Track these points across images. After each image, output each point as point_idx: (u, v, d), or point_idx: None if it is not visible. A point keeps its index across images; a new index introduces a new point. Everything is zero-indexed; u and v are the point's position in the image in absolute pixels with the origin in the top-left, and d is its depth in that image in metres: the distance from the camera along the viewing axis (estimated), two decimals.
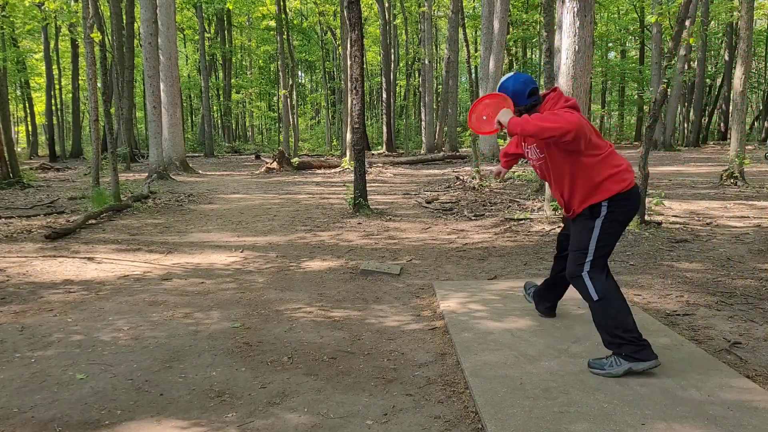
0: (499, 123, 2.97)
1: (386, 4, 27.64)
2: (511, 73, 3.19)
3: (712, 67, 36.33)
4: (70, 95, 28.80)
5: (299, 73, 42.96)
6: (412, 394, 2.79)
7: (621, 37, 37.18)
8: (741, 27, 11.13)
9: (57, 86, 30.03)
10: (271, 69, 39.65)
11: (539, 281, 4.66)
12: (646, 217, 7.02)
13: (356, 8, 8.67)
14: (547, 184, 7.76)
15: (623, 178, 2.94)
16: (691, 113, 30.84)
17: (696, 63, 29.03)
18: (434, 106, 26.95)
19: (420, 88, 30.63)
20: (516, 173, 12.84)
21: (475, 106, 3.18)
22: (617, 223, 2.96)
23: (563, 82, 10.09)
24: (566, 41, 9.83)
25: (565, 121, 2.78)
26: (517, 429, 2.36)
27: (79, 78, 27.73)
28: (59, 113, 30.52)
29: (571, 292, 4.25)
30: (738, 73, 11.05)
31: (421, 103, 27.40)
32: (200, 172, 17.63)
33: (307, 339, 3.53)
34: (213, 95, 34.77)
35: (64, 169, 20.10)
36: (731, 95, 24.57)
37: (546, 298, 3.73)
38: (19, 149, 27.52)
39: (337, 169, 17.16)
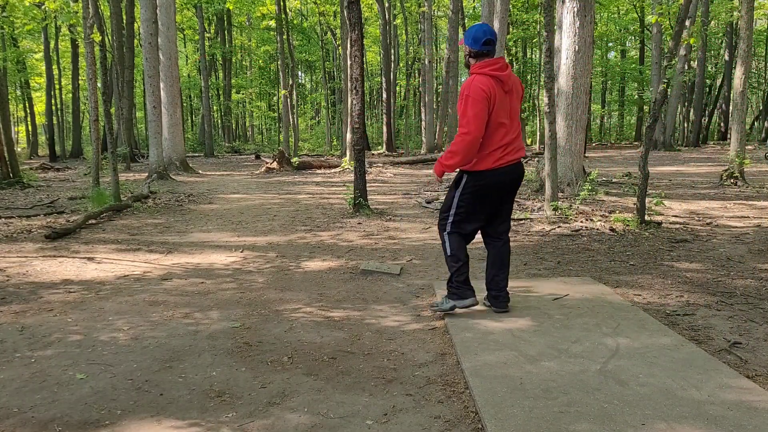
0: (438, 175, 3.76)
1: (386, 4, 27.63)
2: (480, 23, 3.71)
3: (712, 67, 36.33)
4: (70, 95, 28.80)
5: (299, 73, 42.95)
6: (412, 394, 2.79)
7: (621, 37, 37.19)
8: (741, 27, 11.13)
9: (57, 86, 30.03)
10: (271, 69, 39.64)
11: (539, 282, 4.67)
12: (646, 217, 7.03)
13: (356, 8, 8.67)
14: (548, 183, 7.78)
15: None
16: (691, 113, 30.84)
17: (696, 63, 29.03)
18: (434, 106, 26.95)
19: (420, 88, 30.63)
20: None
21: None
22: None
23: (563, 81, 10.10)
24: (566, 41, 9.84)
25: (458, 145, 3.52)
26: (517, 429, 2.36)
27: (79, 78, 27.73)
28: (59, 113, 30.52)
29: (574, 292, 4.26)
30: (738, 73, 11.05)
31: (421, 103, 27.40)
32: (200, 172, 17.63)
33: (307, 339, 3.53)
34: (213, 95, 34.77)
35: (64, 169, 20.10)
36: (731, 95, 24.55)
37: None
38: (19, 149, 27.53)
39: (337, 169, 17.15)
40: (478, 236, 3.90)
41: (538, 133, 26.02)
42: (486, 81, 3.48)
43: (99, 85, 12.83)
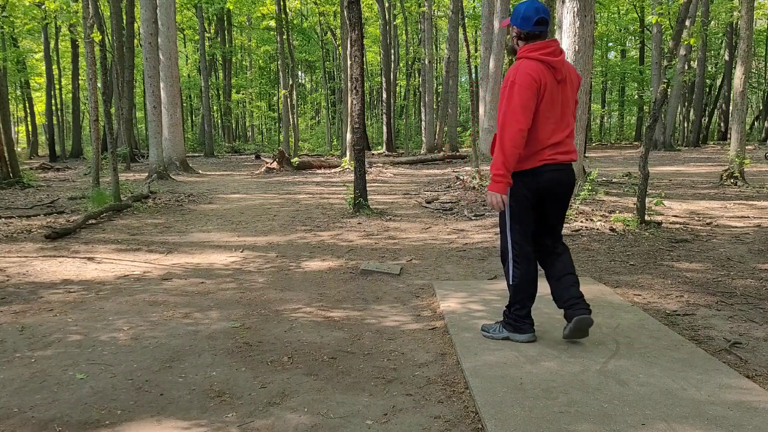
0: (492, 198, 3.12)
1: (386, 4, 27.64)
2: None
3: (712, 67, 36.33)
4: (70, 95, 28.80)
5: (299, 73, 42.94)
6: (412, 394, 2.79)
7: (621, 37, 37.19)
8: (741, 27, 11.13)
9: (57, 86, 30.03)
10: (271, 69, 39.65)
11: (539, 282, 4.65)
12: (647, 217, 7.03)
13: (356, 8, 8.67)
14: None
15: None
16: (691, 113, 30.84)
17: (696, 63, 29.03)
18: (434, 106, 26.94)
19: (420, 88, 30.63)
20: None
21: None
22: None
23: None
24: (566, 41, 9.83)
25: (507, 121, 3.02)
26: (517, 429, 2.36)
27: (79, 78, 27.74)
28: (59, 113, 30.52)
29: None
30: (738, 73, 11.05)
31: (421, 103, 27.40)
32: (200, 172, 17.63)
33: (307, 339, 3.53)
34: (213, 95, 34.77)
35: (64, 169, 20.10)
36: (731, 95, 24.57)
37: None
38: (19, 149, 27.51)
39: (337, 169, 17.15)
40: (479, 236, 3.88)
41: None
42: (536, 66, 3.01)
43: (99, 85, 12.82)
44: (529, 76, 2.97)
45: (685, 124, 32.29)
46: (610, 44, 38.23)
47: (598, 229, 6.85)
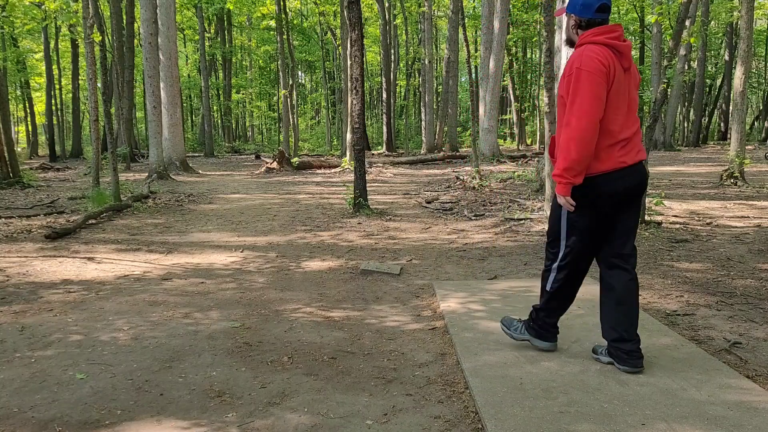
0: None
1: (386, 4, 27.64)
2: None
3: (712, 67, 36.33)
4: (70, 95, 28.80)
5: (299, 73, 42.95)
6: (412, 394, 2.79)
7: None
8: (741, 27, 11.13)
9: (57, 86, 30.03)
10: (271, 69, 39.65)
11: (539, 282, 4.65)
12: (647, 217, 7.03)
13: (356, 8, 8.67)
14: (548, 183, 7.77)
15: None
16: (691, 113, 30.86)
17: (696, 63, 29.04)
18: (434, 106, 26.94)
19: (420, 88, 30.63)
20: (516, 173, 12.83)
21: None
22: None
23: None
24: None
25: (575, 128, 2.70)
26: (517, 429, 2.36)
27: (79, 78, 27.73)
28: (59, 113, 30.51)
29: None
30: (738, 73, 11.05)
31: (421, 103, 27.39)
32: (200, 172, 17.62)
33: (307, 339, 3.53)
34: (213, 95, 34.77)
35: (64, 169, 20.09)
36: (731, 95, 24.57)
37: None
38: (19, 149, 27.51)
39: (337, 169, 17.15)
40: (479, 236, 3.87)
41: (538, 133, 26.03)
42: (603, 51, 2.71)
43: (99, 85, 12.82)
44: (596, 60, 2.67)
45: (685, 124, 32.31)
46: None
47: None
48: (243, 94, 37.14)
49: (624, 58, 2.78)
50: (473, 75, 26.38)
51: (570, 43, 2.95)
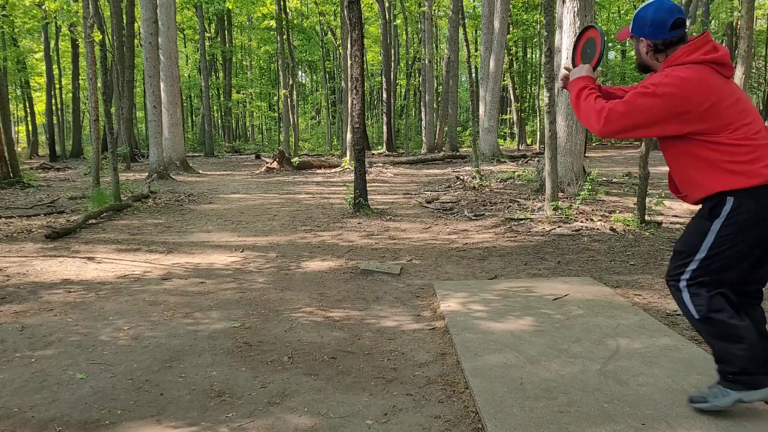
0: (566, 74, 2.65)
1: (386, 4, 27.63)
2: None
3: None
4: (71, 95, 28.81)
5: (299, 73, 42.97)
6: (412, 393, 2.79)
7: None
8: (741, 27, 11.14)
9: (57, 86, 30.02)
10: (272, 69, 39.66)
11: (540, 282, 4.65)
12: (647, 217, 7.03)
13: (356, 8, 8.66)
14: (548, 183, 7.78)
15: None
16: None
17: None
18: (434, 106, 26.94)
19: (420, 88, 30.62)
20: (516, 173, 12.83)
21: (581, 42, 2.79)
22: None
23: None
24: (566, 41, 9.83)
25: (621, 117, 2.41)
26: (517, 429, 2.36)
27: (80, 78, 27.73)
28: (59, 113, 30.51)
29: (574, 292, 4.25)
30: (738, 73, 11.05)
31: (421, 103, 27.40)
32: (200, 171, 17.62)
33: (307, 339, 3.53)
34: (213, 95, 34.77)
35: (65, 168, 20.09)
36: None
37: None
38: (19, 149, 27.49)
39: (338, 169, 17.15)
40: (479, 236, 3.87)
41: (538, 133, 26.02)
42: (700, 72, 2.36)
43: (99, 84, 12.83)
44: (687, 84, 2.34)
45: None
46: (610, 44, 38.20)
47: (598, 229, 6.85)
48: (243, 94, 37.15)
49: (726, 67, 2.45)
50: (473, 75, 26.37)
51: (644, 68, 2.61)
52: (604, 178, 12.13)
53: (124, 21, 21.50)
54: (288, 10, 26.21)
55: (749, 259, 2.37)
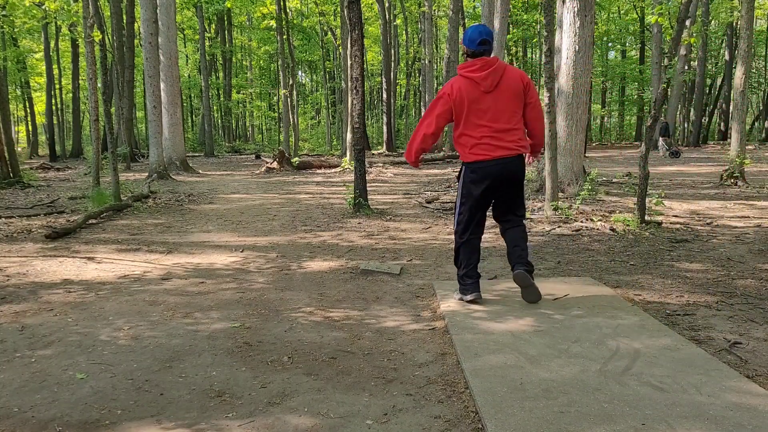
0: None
1: (386, 4, 27.64)
2: (477, 24, 4.16)
3: (712, 67, 36.33)
4: (71, 95, 28.82)
5: (300, 73, 42.97)
6: (412, 393, 2.79)
7: (621, 37, 37.18)
8: (741, 27, 11.13)
9: (57, 86, 30.05)
10: (272, 69, 39.66)
11: (540, 282, 4.66)
12: (647, 217, 7.03)
13: (356, 8, 8.66)
14: (548, 183, 7.77)
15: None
16: (692, 113, 30.85)
17: (696, 63, 29.03)
18: None
19: (420, 88, 30.61)
20: None
21: None
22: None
23: (563, 81, 10.09)
24: (566, 41, 9.83)
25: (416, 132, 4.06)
26: (517, 429, 2.36)
27: (80, 78, 27.74)
28: (59, 113, 30.54)
29: (574, 292, 4.25)
30: (738, 72, 11.05)
31: (422, 103, 27.40)
32: (200, 171, 17.63)
33: (307, 339, 3.53)
34: (213, 95, 34.79)
35: (65, 168, 20.10)
36: (731, 95, 24.55)
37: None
38: (19, 149, 27.49)
39: (338, 169, 17.15)
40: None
41: None
42: (457, 82, 3.85)
43: (99, 84, 12.82)
44: (443, 90, 4.07)
45: (685, 124, 32.29)
46: (610, 44, 38.22)
47: (598, 229, 6.85)
48: (243, 94, 37.16)
49: (480, 84, 3.90)
50: None
51: None
52: (604, 178, 12.14)
53: (124, 21, 21.51)
54: (288, 10, 26.21)
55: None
